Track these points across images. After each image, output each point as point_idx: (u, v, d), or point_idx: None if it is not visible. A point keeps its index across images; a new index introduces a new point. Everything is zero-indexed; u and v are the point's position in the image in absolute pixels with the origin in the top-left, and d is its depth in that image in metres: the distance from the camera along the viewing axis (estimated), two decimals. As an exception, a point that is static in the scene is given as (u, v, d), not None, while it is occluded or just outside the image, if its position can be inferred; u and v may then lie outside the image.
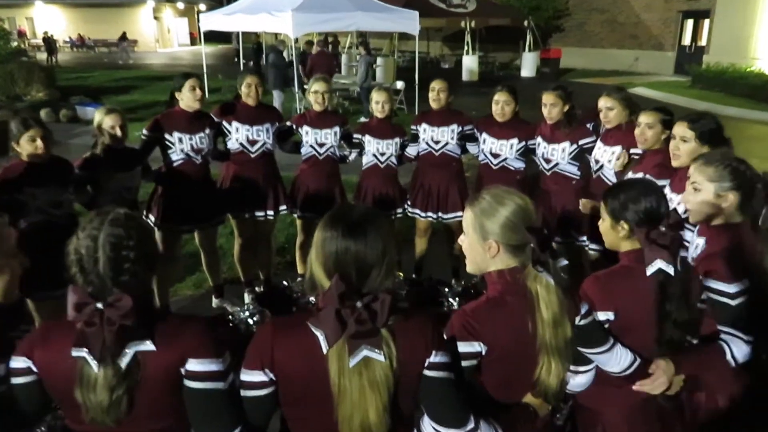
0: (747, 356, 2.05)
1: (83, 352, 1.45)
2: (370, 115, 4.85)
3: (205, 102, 4.22)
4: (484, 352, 1.68)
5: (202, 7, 40.65)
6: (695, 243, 2.33)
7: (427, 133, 4.51)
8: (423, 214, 4.69)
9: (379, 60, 19.39)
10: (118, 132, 3.89)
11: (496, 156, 4.38)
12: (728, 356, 2.03)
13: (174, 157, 4.14)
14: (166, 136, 4.10)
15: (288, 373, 1.51)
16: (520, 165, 4.40)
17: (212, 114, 4.40)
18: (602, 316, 1.93)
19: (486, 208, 1.73)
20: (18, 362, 1.54)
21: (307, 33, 13.80)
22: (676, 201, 2.92)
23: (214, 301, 4.73)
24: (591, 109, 4.33)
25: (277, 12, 11.85)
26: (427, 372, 1.55)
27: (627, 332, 1.94)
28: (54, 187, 3.51)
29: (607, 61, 23.25)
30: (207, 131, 4.24)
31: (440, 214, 4.64)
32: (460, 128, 4.48)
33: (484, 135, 4.42)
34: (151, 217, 4.23)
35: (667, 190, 3.13)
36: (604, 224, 2.09)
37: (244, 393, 1.55)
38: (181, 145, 4.11)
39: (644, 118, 3.52)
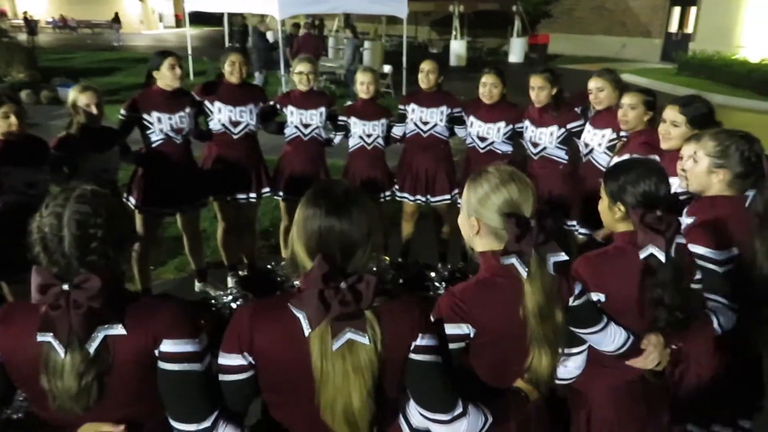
0: (732, 324, 2.06)
1: (48, 337, 1.37)
2: (356, 97, 4.78)
3: (185, 81, 4.12)
4: (472, 335, 1.63)
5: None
6: (684, 222, 2.31)
7: (415, 113, 4.45)
8: (412, 198, 4.64)
9: (366, 44, 19.18)
10: (94, 110, 3.78)
11: (483, 139, 4.33)
12: (715, 325, 2.02)
13: (153, 137, 4.04)
14: (144, 115, 4.00)
15: (268, 356, 1.45)
16: (507, 148, 4.36)
17: (194, 93, 4.30)
18: (593, 297, 1.89)
19: (478, 188, 1.68)
20: None
21: (294, 15, 13.60)
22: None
23: (197, 285, 4.66)
24: (580, 93, 4.29)
25: (263, -7, 11.68)
26: (413, 356, 1.49)
27: (618, 314, 1.91)
28: (29, 166, 3.41)
29: (595, 48, 23.22)
30: (187, 110, 4.14)
31: (428, 197, 4.60)
32: (450, 110, 4.42)
33: (472, 118, 4.37)
34: (132, 200, 4.14)
35: None
36: (602, 204, 2.06)
37: (221, 377, 1.49)
38: (159, 125, 4.02)
39: (627, 99, 3.49)
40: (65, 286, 1.35)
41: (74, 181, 3.65)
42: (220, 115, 4.29)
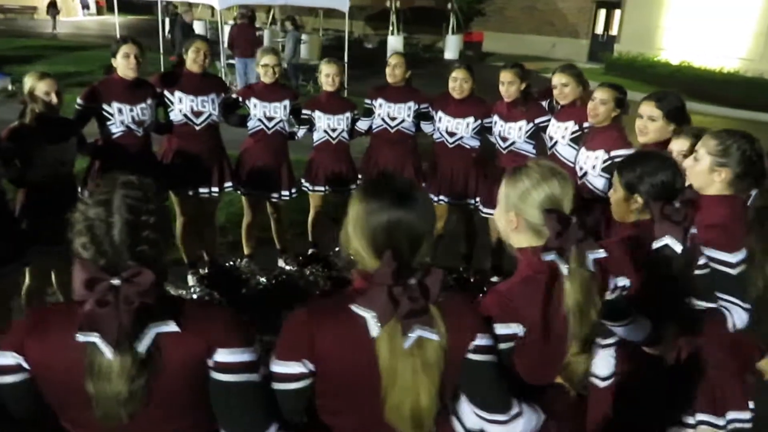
0: (745, 323, 2.12)
1: (93, 337, 1.24)
2: (309, 90, 4.70)
3: (141, 71, 3.93)
4: (521, 334, 1.62)
5: (110, -27, 38.26)
6: None
7: (383, 108, 4.43)
8: None
9: (303, 37, 18.98)
10: (54, 99, 3.54)
11: (452, 134, 4.37)
12: (729, 324, 2.10)
13: (113, 129, 3.84)
14: (104, 106, 3.79)
15: (330, 361, 1.38)
16: (475, 143, 4.42)
17: (152, 83, 4.11)
18: (620, 282, 1.92)
19: (518, 183, 1.67)
20: (5, 358, 1.32)
21: (231, 6, 13.23)
22: None
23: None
24: (545, 90, 4.41)
25: (201, -19, 11.28)
26: (471, 356, 1.46)
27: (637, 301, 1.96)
28: None
29: (526, 47, 23.87)
30: (149, 101, 3.96)
31: None
32: (417, 106, 4.43)
33: (440, 113, 4.40)
34: (87, 194, 3.90)
35: None
36: (616, 195, 2.09)
37: (278, 386, 1.41)
38: (121, 117, 3.82)
39: (599, 94, 3.56)
40: (115, 281, 1.23)
41: (28, 174, 3.45)
42: (181, 105, 4.12)
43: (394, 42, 21.31)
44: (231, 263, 4.64)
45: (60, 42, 22.56)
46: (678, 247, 1.92)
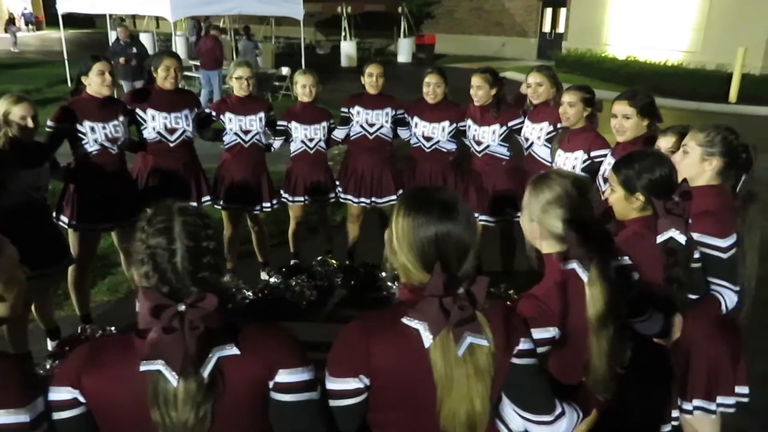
0: (735, 305, 2.26)
1: (158, 365, 1.23)
2: (267, 98, 4.68)
3: (113, 88, 3.85)
4: (557, 337, 1.67)
5: (47, -13, 37.04)
6: None
7: (361, 116, 4.44)
8: (356, 200, 4.63)
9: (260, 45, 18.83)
10: (30, 123, 3.43)
11: (428, 139, 4.42)
12: (722, 306, 2.22)
13: (87, 148, 3.74)
14: (77, 126, 3.69)
15: (386, 375, 1.40)
16: (451, 146, 4.48)
17: (124, 100, 4.03)
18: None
19: (539, 195, 1.72)
20: (60, 393, 1.30)
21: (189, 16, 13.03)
22: None
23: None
24: (518, 95, 4.51)
25: (152, -7, 11.07)
26: (516, 360, 1.50)
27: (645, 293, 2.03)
28: None
29: (476, 47, 24.29)
30: (121, 118, 3.88)
31: (374, 198, 4.62)
32: (394, 112, 4.46)
33: (416, 119, 4.44)
34: (64, 218, 3.80)
35: (610, 159, 3.35)
36: (615, 195, 2.15)
37: (334, 403, 1.42)
38: (94, 135, 3.72)
39: (566, 97, 3.68)
40: (180, 307, 1.23)
41: (1, 200, 3.32)
42: (155, 122, 4.06)
43: (347, 47, 21.38)
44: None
45: (3, 60, 21.73)
46: (682, 239, 2.01)
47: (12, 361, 1.36)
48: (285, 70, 13.34)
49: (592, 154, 3.57)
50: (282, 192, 4.66)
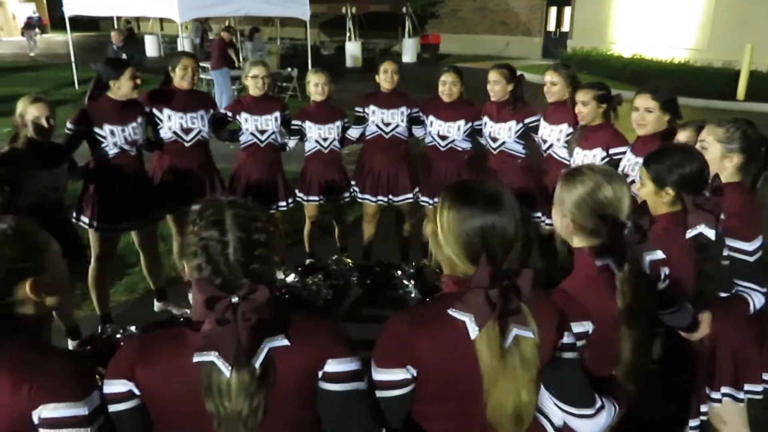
0: (763, 306, 2.25)
1: (210, 356, 1.24)
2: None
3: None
4: (590, 331, 1.67)
5: (51, -10, 37.14)
6: None
7: (376, 115, 4.45)
8: (374, 199, 4.64)
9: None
10: (45, 123, 3.44)
11: (444, 138, 4.42)
12: (751, 306, 2.21)
13: (106, 151, 3.75)
14: (96, 129, 3.69)
15: (432, 366, 1.41)
16: (467, 145, 4.48)
17: (141, 101, 4.04)
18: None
19: (572, 190, 1.73)
20: (115, 386, 1.32)
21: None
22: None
23: (157, 305, 4.38)
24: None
25: (159, -5, 11.10)
26: (560, 354, 1.51)
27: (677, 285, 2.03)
28: None
29: (481, 46, 24.27)
30: (139, 120, 3.89)
31: (390, 197, 4.62)
32: (409, 110, 4.47)
33: (431, 118, 4.44)
34: (84, 219, 3.81)
35: (630, 155, 3.35)
36: (645, 189, 2.15)
37: (381, 394, 1.43)
38: (113, 138, 3.73)
39: (579, 96, 3.69)
40: (234, 298, 1.24)
41: (16, 201, 3.34)
42: (171, 122, 4.07)
43: (352, 48, 21.40)
44: None
45: (6, 63, 21.80)
46: (712, 234, 2.01)
47: (67, 355, 1.38)
48: (291, 71, 13.36)
49: (611, 151, 3.56)
50: (297, 191, 4.67)
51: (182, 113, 4.09)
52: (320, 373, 1.38)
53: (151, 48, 24.33)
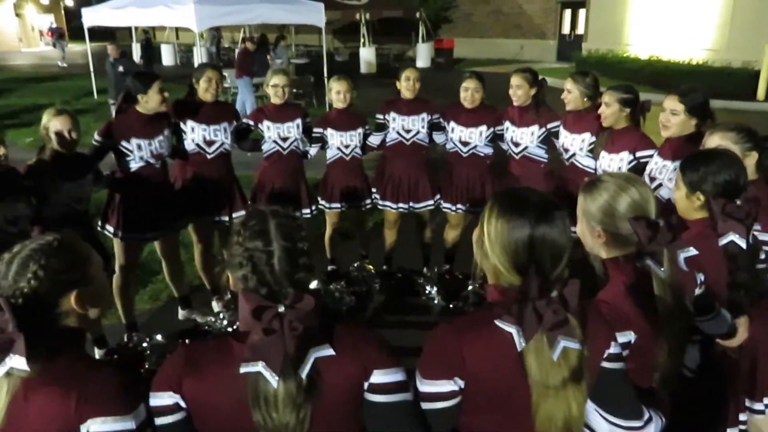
0: None
1: (257, 367, 1.24)
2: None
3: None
4: (632, 341, 1.65)
5: (69, 2, 37.73)
6: None
7: (397, 122, 4.44)
8: (394, 206, 4.63)
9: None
10: (68, 136, 3.48)
11: (465, 144, 4.40)
12: None
13: (132, 165, 3.78)
14: (123, 143, 3.72)
15: (480, 378, 1.39)
16: (488, 151, 4.46)
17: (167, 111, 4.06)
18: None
19: (596, 197, 1.72)
20: (161, 399, 1.32)
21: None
22: (671, 167, 3.11)
23: (181, 313, 4.40)
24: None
25: (176, 4, 11.18)
26: (606, 364, 1.48)
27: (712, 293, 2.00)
28: (10, 200, 3.11)
29: (495, 50, 24.24)
30: (166, 133, 3.92)
31: (411, 203, 4.61)
32: (430, 117, 4.46)
33: (453, 124, 4.42)
34: (109, 228, 3.84)
35: (657, 158, 3.31)
36: (679, 192, 2.13)
37: (427, 406, 1.41)
38: (140, 152, 3.76)
39: (604, 97, 3.67)
40: (280, 308, 1.25)
41: (42, 213, 3.38)
42: (194, 134, 4.10)
43: (366, 54, 21.46)
44: None
45: (26, 74, 22.15)
46: (743, 243, 1.97)
47: (114, 369, 1.39)
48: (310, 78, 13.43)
49: (638, 154, 3.52)
50: (319, 199, 4.67)
51: (206, 125, 4.11)
52: (366, 384, 1.37)
53: (167, 57, 24.60)
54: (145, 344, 3.68)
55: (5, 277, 1.32)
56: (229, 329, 3.95)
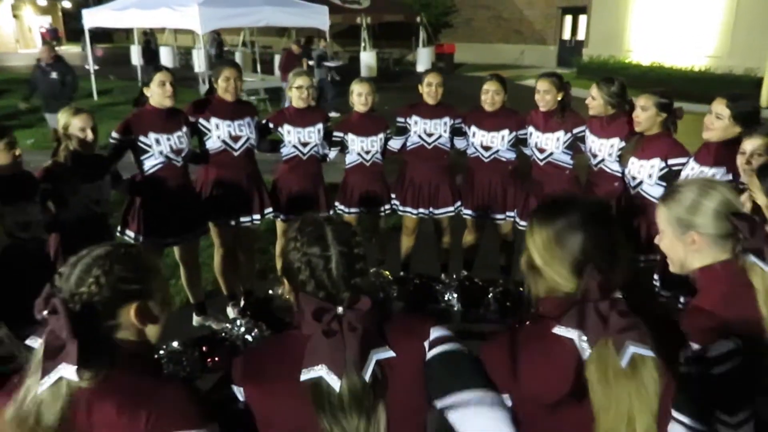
0: None
1: (320, 371, 1.24)
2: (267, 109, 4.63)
3: (175, 99, 3.79)
4: (738, 348, 1.53)
5: (66, 4, 37.60)
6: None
7: (419, 125, 4.36)
8: (415, 212, 4.55)
9: (276, 57, 18.91)
10: (90, 135, 3.40)
11: (487, 149, 4.33)
12: None
13: (152, 161, 3.71)
14: (141, 138, 3.66)
15: (536, 392, 1.32)
16: (511, 155, 4.39)
17: (185, 112, 3.98)
18: None
19: (682, 199, 1.64)
20: (239, 393, 1.36)
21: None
22: (710, 173, 3.05)
23: (195, 319, 4.30)
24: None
25: (180, 6, 11.12)
26: (684, 368, 1.41)
27: None
28: (22, 205, 3.03)
29: (495, 56, 24.24)
30: (184, 129, 3.85)
31: (431, 209, 4.53)
32: (452, 121, 4.38)
33: (474, 128, 4.34)
34: (129, 233, 3.76)
35: (693, 164, 3.24)
36: (759, 201, 2.10)
37: None
38: (159, 147, 3.69)
39: (640, 101, 3.58)
40: (339, 309, 1.27)
41: (60, 217, 3.28)
42: (219, 131, 4.01)
43: (367, 58, 21.39)
44: (271, 291, 4.51)
45: (24, 75, 21.89)
46: None
47: (182, 383, 1.35)
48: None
49: (670, 161, 3.45)
50: (337, 203, 4.59)
51: (230, 121, 4.02)
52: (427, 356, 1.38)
53: (166, 59, 24.39)
54: (162, 351, 3.58)
55: (67, 280, 1.26)
56: (247, 337, 3.85)
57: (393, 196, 4.61)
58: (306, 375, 1.24)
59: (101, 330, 1.26)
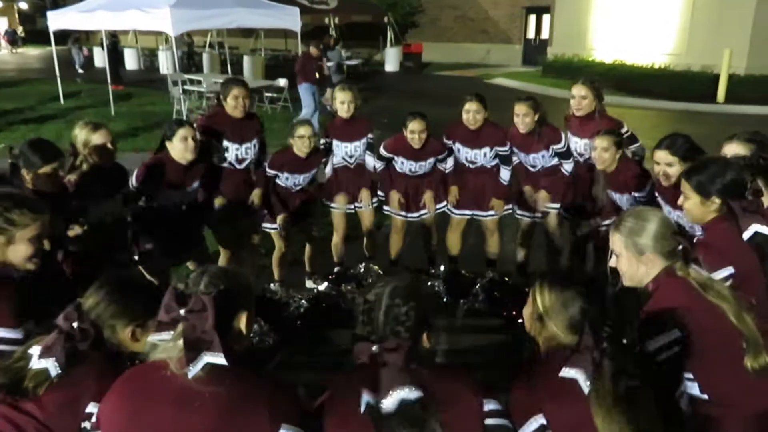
0: None
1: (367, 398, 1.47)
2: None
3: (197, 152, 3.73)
4: (733, 274, 1.97)
5: (23, 5, 36.67)
6: None
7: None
8: (402, 213, 4.73)
9: (245, 58, 18.88)
10: (111, 147, 3.49)
11: (473, 163, 4.52)
12: None
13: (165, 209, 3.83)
14: (157, 190, 3.73)
15: (557, 424, 1.56)
16: (506, 176, 4.58)
17: (197, 128, 3.91)
18: (724, 272, 2.10)
19: (634, 227, 1.97)
20: None
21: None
22: (675, 214, 3.11)
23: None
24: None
25: (151, 8, 11.02)
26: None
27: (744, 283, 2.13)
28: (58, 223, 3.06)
29: (462, 55, 24.56)
30: (196, 184, 3.95)
31: (420, 212, 4.75)
32: (435, 159, 4.52)
33: (458, 144, 4.48)
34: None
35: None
36: (690, 201, 2.30)
37: None
38: (171, 200, 3.82)
39: (598, 143, 3.72)
40: (374, 347, 1.52)
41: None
42: (227, 153, 4.20)
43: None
44: (272, 285, 4.64)
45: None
46: (767, 231, 2.14)
47: (292, 384, 1.59)
48: (282, 82, 13.34)
49: (636, 195, 3.70)
50: (324, 201, 4.73)
51: (238, 144, 4.19)
52: None
53: (131, 61, 24.07)
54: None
55: (196, 284, 1.47)
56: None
57: (380, 194, 4.77)
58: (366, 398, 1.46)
59: (224, 333, 1.44)
